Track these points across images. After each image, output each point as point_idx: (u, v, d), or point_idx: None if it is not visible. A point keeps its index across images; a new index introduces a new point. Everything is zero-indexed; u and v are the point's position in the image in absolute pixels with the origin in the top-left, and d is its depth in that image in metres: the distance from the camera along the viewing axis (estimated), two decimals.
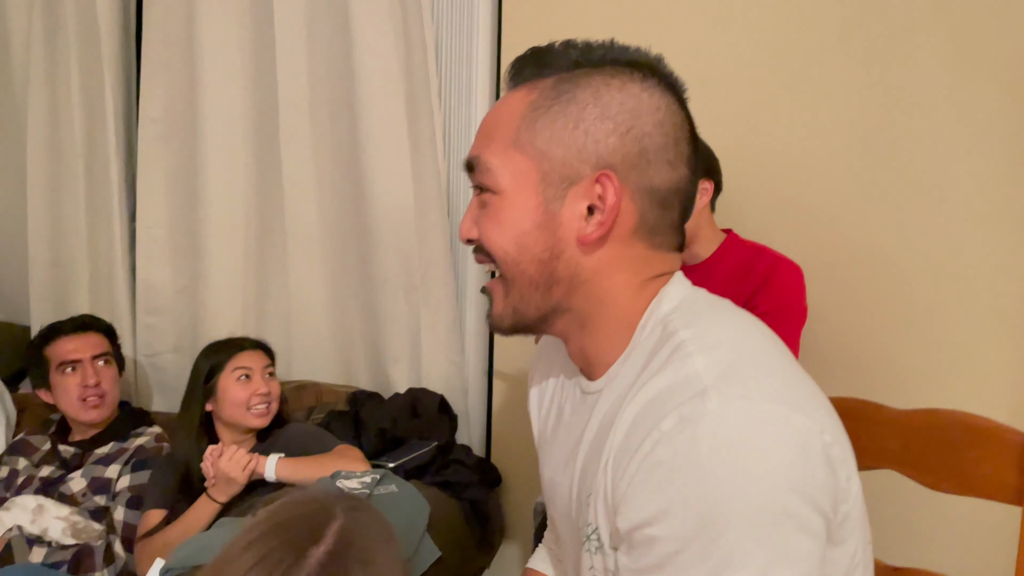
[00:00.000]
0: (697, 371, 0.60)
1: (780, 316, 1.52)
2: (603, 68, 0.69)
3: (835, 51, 1.67)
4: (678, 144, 0.69)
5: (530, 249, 0.69)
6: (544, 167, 0.68)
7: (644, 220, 0.69)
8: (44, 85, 2.39)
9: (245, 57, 2.18)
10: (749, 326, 0.68)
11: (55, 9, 2.35)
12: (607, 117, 0.67)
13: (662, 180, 0.68)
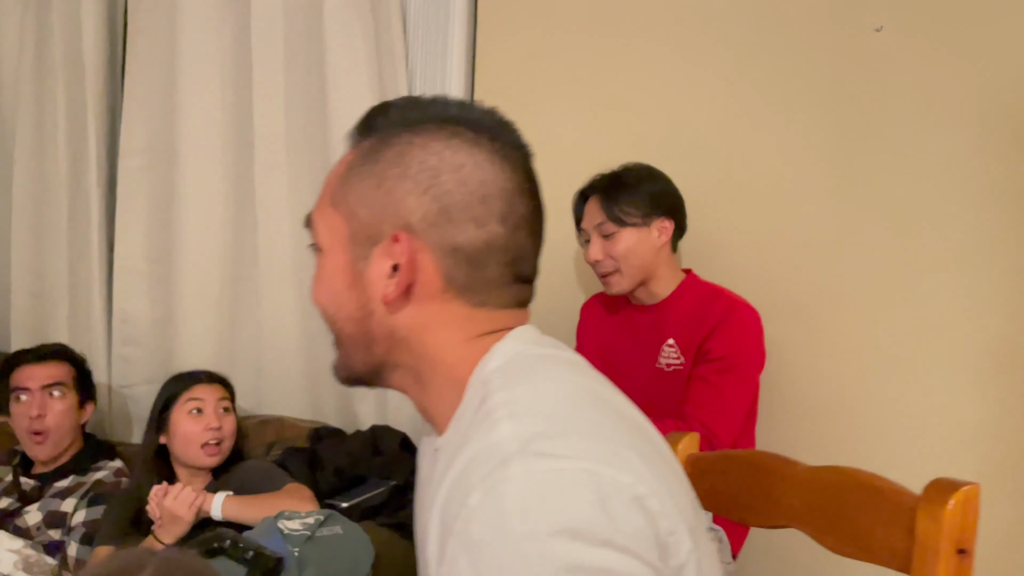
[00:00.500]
0: (504, 438, 0.58)
1: (733, 362, 1.50)
2: (414, 128, 0.68)
3: (804, 91, 1.66)
4: (487, 201, 0.67)
5: (344, 307, 0.70)
6: (353, 226, 0.69)
7: (452, 279, 0.67)
8: (32, 116, 2.44)
9: (224, 92, 2.21)
10: (573, 386, 0.66)
11: (44, 43, 2.40)
12: (407, 176, 0.67)
13: (467, 238, 0.67)
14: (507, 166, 0.69)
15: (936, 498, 0.69)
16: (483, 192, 0.67)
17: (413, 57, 2.06)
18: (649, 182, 1.58)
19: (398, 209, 0.67)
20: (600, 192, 1.59)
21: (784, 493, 0.86)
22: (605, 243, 1.57)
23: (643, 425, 0.68)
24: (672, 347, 1.57)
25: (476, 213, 0.67)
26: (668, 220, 1.59)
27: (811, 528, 0.82)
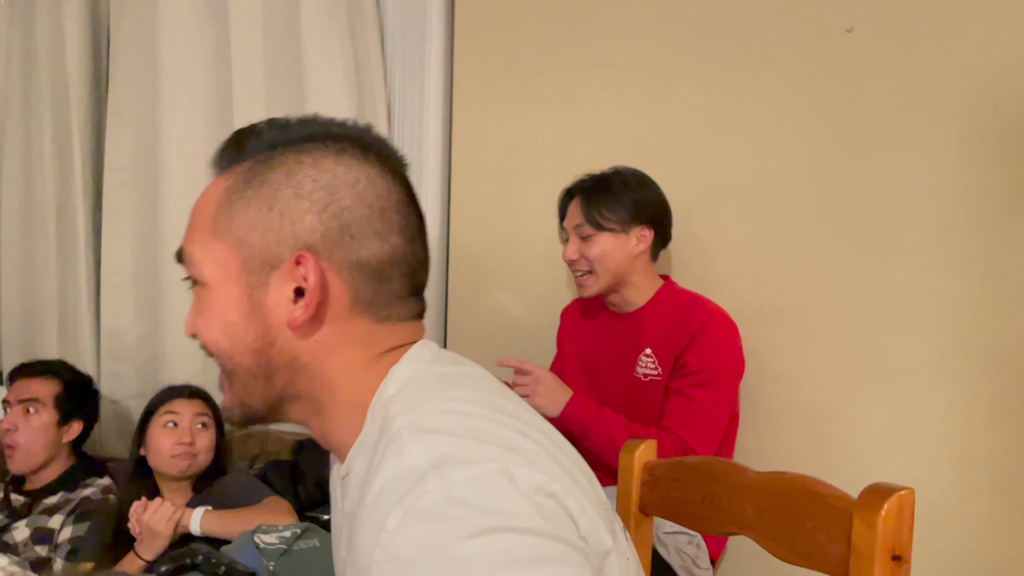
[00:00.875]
0: (414, 460, 0.57)
1: (711, 375, 1.49)
2: (298, 146, 0.67)
3: (777, 94, 1.66)
4: (385, 214, 0.67)
5: (241, 340, 0.67)
6: (244, 254, 0.66)
7: (359, 295, 0.66)
8: (18, 134, 2.47)
9: (206, 105, 2.22)
10: (473, 401, 0.64)
11: (28, 62, 2.43)
12: (301, 196, 0.65)
13: (371, 253, 0.66)
14: (396, 179, 0.69)
15: (870, 504, 0.68)
16: (381, 206, 0.67)
17: (391, 67, 2.07)
18: (636, 190, 1.57)
19: (296, 230, 0.65)
20: (583, 193, 1.58)
21: (735, 500, 0.85)
22: (582, 244, 1.57)
23: (550, 434, 0.67)
24: (649, 356, 1.56)
25: (377, 227, 0.66)
26: (648, 230, 1.57)
27: (760, 535, 0.82)
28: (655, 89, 1.79)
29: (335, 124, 0.70)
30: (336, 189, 0.66)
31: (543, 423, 0.68)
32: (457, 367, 0.71)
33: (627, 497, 0.98)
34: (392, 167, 0.70)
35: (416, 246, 0.70)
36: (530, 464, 0.58)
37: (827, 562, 0.72)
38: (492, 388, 0.69)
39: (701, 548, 1.48)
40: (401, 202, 0.69)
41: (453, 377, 0.68)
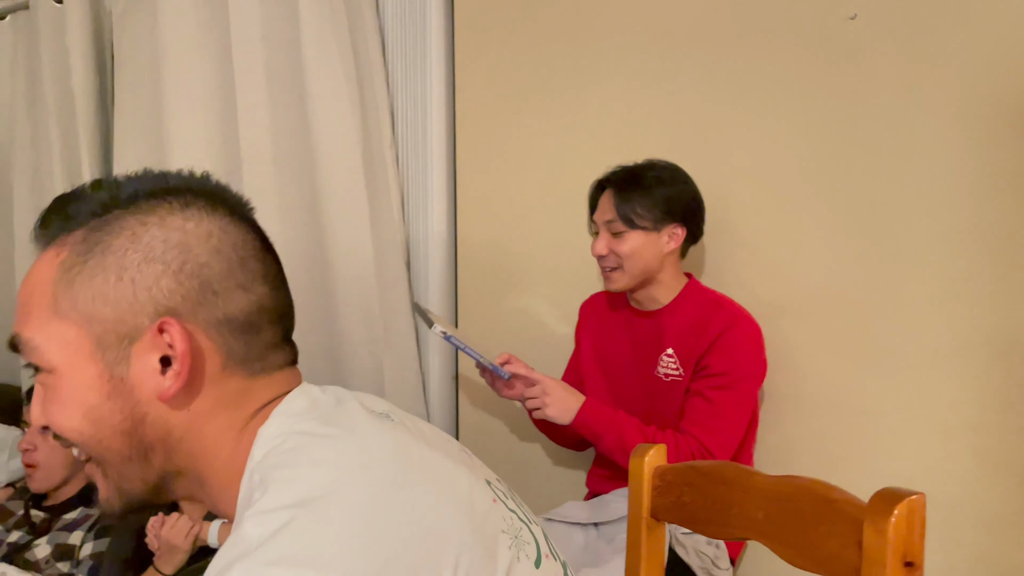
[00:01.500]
0: (246, 537, 0.53)
1: (733, 378, 1.47)
2: (137, 206, 0.62)
3: (780, 85, 1.64)
4: (245, 264, 0.63)
5: (107, 422, 0.62)
6: (96, 331, 0.61)
7: (231, 353, 0.63)
8: (27, 150, 2.49)
9: (209, 117, 2.23)
10: (332, 467, 0.58)
11: (34, 79, 2.45)
12: (152, 259, 0.61)
13: (237, 307, 0.62)
14: (247, 226, 0.66)
15: (881, 509, 0.67)
16: (239, 256, 0.63)
17: (393, 72, 2.06)
18: (668, 185, 1.52)
19: (153, 296, 0.60)
20: (615, 187, 1.54)
21: (745, 505, 0.84)
22: (612, 240, 1.53)
23: (437, 475, 0.61)
24: (671, 357, 1.54)
25: (239, 279, 0.63)
26: (681, 227, 1.54)
27: (770, 540, 0.80)
28: (659, 85, 1.77)
29: (172, 177, 0.65)
30: (190, 246, 0.62)
31: (435, 463, 0.62)
32: (326, 422, 0.63)
33: (638, 503, 0.98)
34: (241, 214, 0.66)
35: (280, 292, 0.66)
36: (344, 564, 0.52)
37: (839, 568, 0.71)
38: (368, 433, 0.62)
39: (720, 548, 1.46)
40: (258, 248, 0.65)
41: (313, 438, 0.61)
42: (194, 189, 0.65)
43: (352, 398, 0.68)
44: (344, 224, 2.05)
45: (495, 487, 0.66)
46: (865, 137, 1.56)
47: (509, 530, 0.62)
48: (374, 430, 0.62)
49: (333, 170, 2.05)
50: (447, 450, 0.66)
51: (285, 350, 0.68)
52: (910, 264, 1.52)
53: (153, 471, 0.64)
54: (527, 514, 0.68)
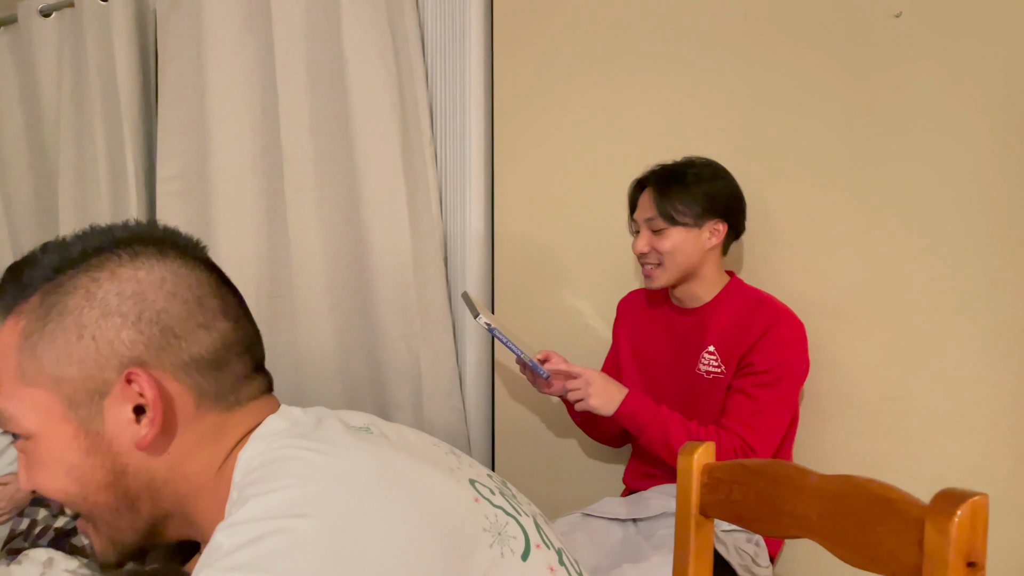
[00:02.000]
0: (217, 546, 0.54)
1: (776, 376, 1.47)
2: (87, 263, 0.64)
3: (823, 82, 1.63)
4: (203, 303, 0.65)
5: (91, 479, 0.63)
6: (66, 392, 0.62)
7: (203, 392, 0.64)
8: (72, 148, 2.53)
9: (252, 115, 2.26)
10: (324, 473, 0.58)
11: (80, 77, 2.49)
12: (109, 313, 0.62)
13: (201, 346, 0.64)
14: (200, 265, 0.68)
15: (943, 510, 0.67)
16: (196, 295, 0.65)
17: (432, 68, 2.08)
18: (709, 182, 1.53)
19: (116, 349, 0.62)
20: (655, 185, 1.55)
21: (798, 503, 0.84)
22: (653, 237, 1.54)
23: (413, 486, 0.61)
24: (712, 354, 1.54)
25: (199, 319, 0.65)
26: (722, 223, 1.54)
27: (824, 539, 0.81)
28: (698, 83, 1.77)
29: (117, 229, 0.67)
30: (144, 295, 0.63)
31: (411, 471, 0.62)
32: (305, 444, 0.62)
33: (687, 499, 0.98)
34: (193, 255, 0.68)
35: (243, 324, 0.68)
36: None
37: (899, 568, 0.72)
38: (345, 447, 0.62)
39: (760, 546, 1.46)
40: (214, 286, 0.67)
41: (286, 461, 0.61)
42: (141, 238, 0.66)
43: (332, 416, 0.69)
44: (382, 220, 2.07)
45: (480, 485, 0.67)
46: (908, 135, 1.55)
47: (491, 528, 0.62)
48: (352, 445, 0.63)
49: (372, 166, 2.07)
50: (429, 456, 0.67)
51: (257, 379, 0.70)
52: (953, 262, 1.51)
53: (142, 519, 0.66)
54: (518, 506, 0.69)
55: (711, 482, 0.96)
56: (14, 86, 2.72)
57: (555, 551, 0.68)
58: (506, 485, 0.74)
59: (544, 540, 0.68)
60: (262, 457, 0.62)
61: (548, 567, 0.65)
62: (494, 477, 0.73)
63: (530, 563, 0.63)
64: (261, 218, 2.29)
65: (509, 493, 0.71)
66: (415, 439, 0.71)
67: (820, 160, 1.64)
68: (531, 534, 0.66)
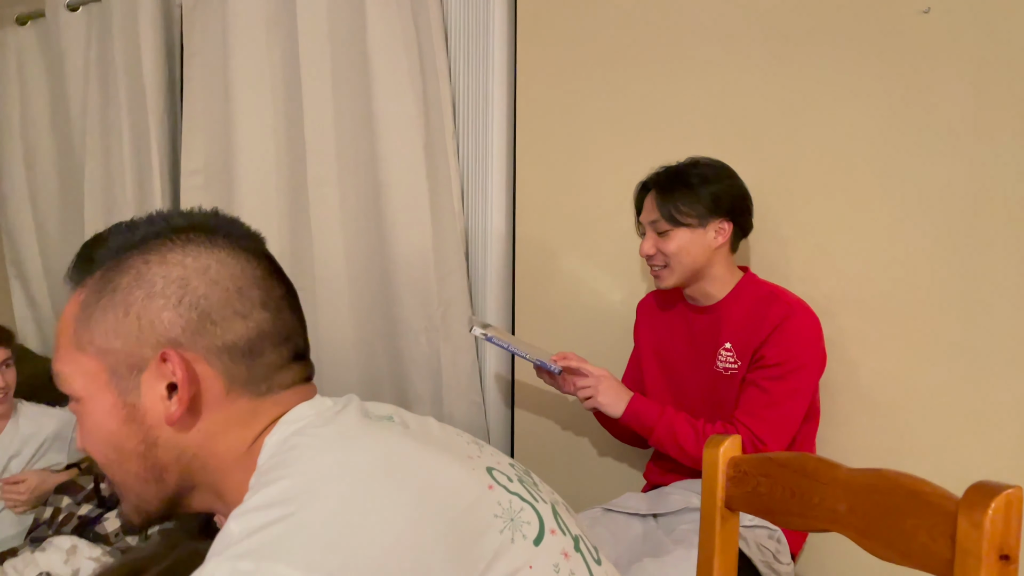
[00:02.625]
0: (228, 534, 0.57)
1: (789, 368, 1.47)
2: (143, 246, 0.68)
3: (851, 79, 1.62)
4: (243, 292, 0.68)
5: (125, 445, 0.68)
6: (110, 362, 0.67)
7: (234, 377, 0.67)
8: (99, 142, 2.56)
9: (276, 110, 2.28)
10: (328, 468, 0.61)
11: (107, 72, 2.52)
12: (154, 295, 0.66)
13: (236, 334, 0.67)
14: (249, 256, 0.70)
15: (977, 502, 0.67)
16: (237, 285, 0.68)
17: (455, 65, 2.08)
18: (713, 183, 1.53)
19: (156, 329, 0.66)
20: (659, 188, 1.56)
21: (826, 497, 0.84)
22: (658, 239, 1.55)
23: (421, 474, 0.63)
24: (729, 351, 1.54)
25: (237, 307, 0.67)
26: (727, 222, 1.54)
27: (853, 532, 0.81)
28: (724, 80, 1.77)
29: (178, 216, 0.71)
30: (188, 280, 0.67)
31: (428, 468, 0.64)
32: (320, 431, 0.66)
33: (712, 493, 0.98)
34: (245, 245, 0.71)
35: (284, 315, 0.70)
36: (315, 564, 0.54)
37: (930, 561, 0.71)
38: (369, 441, 0.65)
39: (782, 543, 1.46)
40: (259, 277, 0.70)
41: (312, 444, 0.65)
42: (195, 226, 0.70)
43: (355, 404, 0.72)
44: (404, 215, 2.08)
45: (497, 473, 0.69)
46: (935, 132, 1.54)
47: (504, 514, 0.64)
48: (364, 433, 0.66)
49: (395, 161, 2.08)
50: (447, 445, 0.70)
51: (294, 369, 0.72)
52: (980, 260, 1.50)
53: (168, 488, 0.70)
54: (537, 493, 0.71)
55: (737, 475, 0.96)
56: (42, 79, 2.75)
57: (571, 537, 0.69)
58: (528, 474, 0.75)
59: (561, 527, 0.69)
60: (282, 444, 0.66)
61: (562, 552, 0.66)
62: (516, 466, 0.75)
63: (543, 548, 0.64)
64: (284, 212, 2.31)
65: (530, 481, 0.73)
66: (437, 429, 0.73)
67: (847, 157, 1.63)
68: (547, 520, 0.67)
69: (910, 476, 0.77)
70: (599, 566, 0.70)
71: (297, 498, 0.58)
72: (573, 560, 0.66)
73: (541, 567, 0.63)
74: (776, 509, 0.92)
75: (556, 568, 0.64)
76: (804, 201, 1.68)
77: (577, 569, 0.66)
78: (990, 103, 1.48)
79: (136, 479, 0.69)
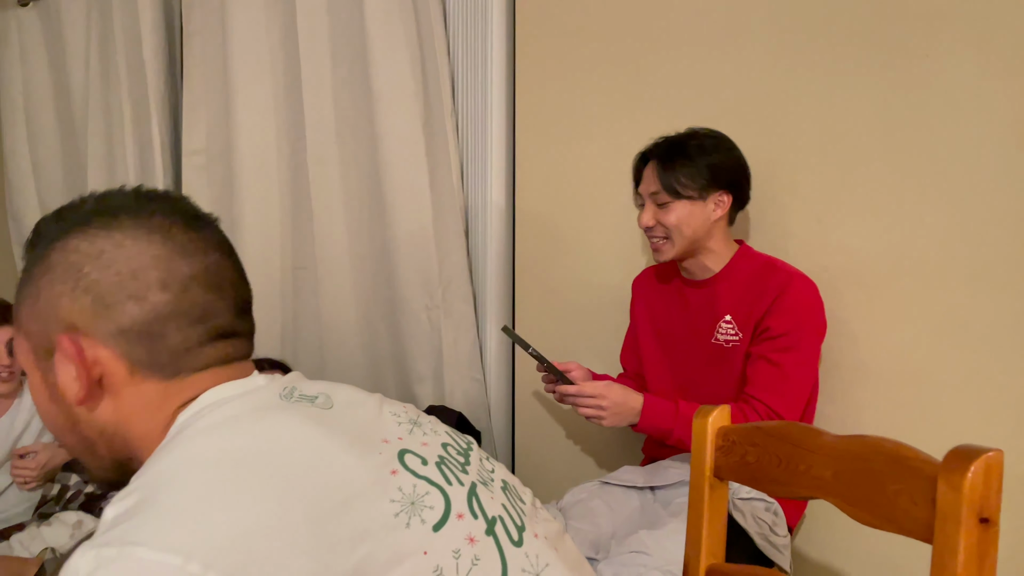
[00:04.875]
0: (103, 520, 0.58)
1: (795, 339, 1.46)
2: (58, 235, 0.70)
3: (856, 43, 1.60)
4: (138, 275, 0.67)
5: (56, 421, 0.72)
6: (33, 344, 0.71)
7: (136, 360, 0.68)
8: (100, 121, 2.57)
9: (275, 88, 2.28)
10: (205, 453, 0.62)
11: (107, 51, 2.52)
12: (55, 280, 0.68)
13: (131, 317, 0.67)
14: (155, 235, 0.69)
15: (956, 466, 0.66)
16: (131, 268, 0.68)
17: (454, 40, 2.07)
18: (712, 153, 1.52)
19: (57, 314, 0.68)
20: (659, 159, 1.54)
21: (812, 464, 0.84)
22: (658, 211, 1.54)
23: (309, 458, 0.63)
24: (729, 323, 1.54)
25: (131, 290, 0.67)
26: (727, 194, 1.53)
27: (839, 499, 0.80)
28: (724, 47, 1.75)
29: (91, 200, 0.71)
30: (81, 266, 0.68)
31: (328, 449, 0.64)
32: (220, 413, 0.66)
33: (701, 462, 0.98)
34: (156, 223, 0.69)
35: (195, 294, 0.69)
36: (178, 542, 0.54)
37: (912, 526, 0.71)
38: (247, 427, 0.65)
39: (779, 515, 1.46)
40: (162, 257, 0.68)
41: (209, 429, 0.65)
42: (100, 210, 0.70)
43: (279, 383, 0.71)
44: (404, 192, 2.08)
45: (411, 456, 0.68)
46: (937, 102, 1.52)
47: (403, 499, 0.63)
48: (266, 416, 0.66)
49: (394, 138, 2.07)
50: (358, 431, 0.68)
51: (209, 351, 0.70)
52: (982, 233, 1.48)
53: (105, 460, 0.72)
54: (457, 476, 0.69)
55: (726, 445, 0.96)
56: (44, 60, 2.75)
57: (486, 521, 0.68)
58: (466, 454, 0.74)
59: (473, 510, 0.68)
60: (179, 426, 0.67)
61: (467, 537, 0.65)
62: (450, 446, 0.74)
63: (443, 533, 0.63)
64: (285, 191, 2.31)
65: (459, 462, 0.72)
66: (364, 412, 0.72)
67: (849, 130, 1.61)
68: (455, 504, 0.66)
69: (893, 441, 0.76)
70: (518, 547, 0.68)
71: (163, 482, 0.59)
72: (480, 545, 0.65)
73: (438, 552, 0.62)
74: (764, 477, 0.91)
75: (456, 553, 0.63)
76: (802, 172, 1.67)
77: (484, 554, 0.65)
78: (995, 71, 1.46)
79: (76, 449, 0.73)
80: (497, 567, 0.65)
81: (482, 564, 0.64)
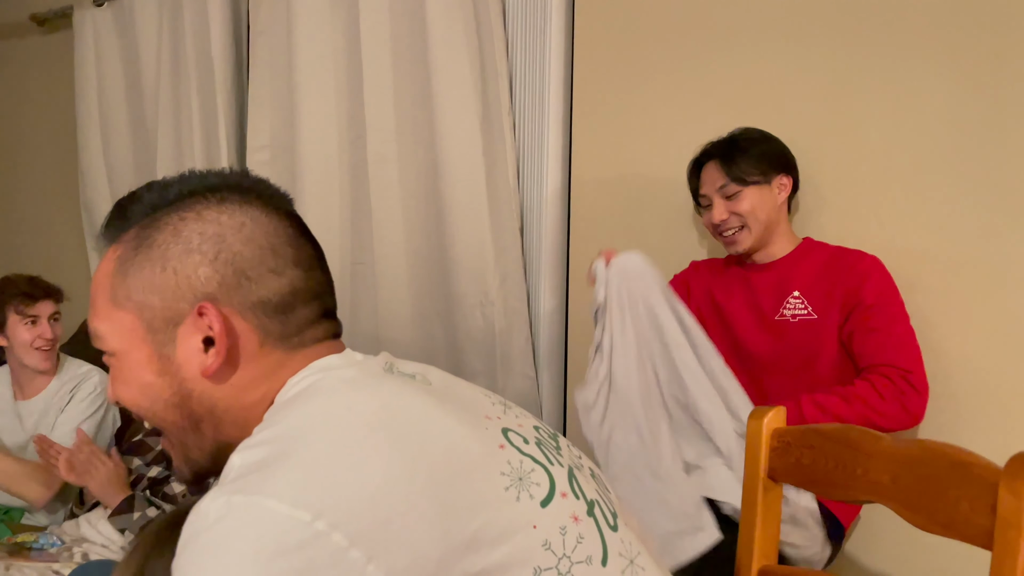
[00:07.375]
0: (230, 467, 0.59)
1: (895, 307, 1.49)
2: (179, 203, 0.70)
3: (924, 42, 1.57)
4: (276, 251, 0.70)
5: (159, 397, 0.70)
6: (147, 316, 0.69)
7: (267, 332, 0.69)
8: (170, 120, 2.65)
9: (338, 88, 2.33)
10: (337, 403, 0.64)
11: (177, 50, 2.61)
12: (191, 251, 0.68)
13: (270, 291, 0.69)
14: (281, 215, 0.72)
15: (1017, 472, 0.66)
16: (271, 243, 0.70)
17: (513, 38, 2.09)
18: (763, 143, 1.61)
19: (192, 284, 0.68)
20: (718, 157, 1.62)
21: (869, 468, 0.84)
22: (728, 203, 1.60)
23: (426, 429, 0.63)
24: (799, 299, 1.57)
25: (271, 264, 0.69)
26: (786, 177, 1.61)
27: (897, 504, 0.80)
28: (786, 51, 1.73)
29: (212, 175, 0.73)
30: (224, 237, 0.69)
31: (447, 419, 0.65)
32: (335, 375, 0.69)
33: (755, 463, 0.98)
34: (276, 204, 0.73)
35: (315, 273, 0.72)
36: (310, 500, 0.55)
37: (971, 532, 0.71)
38: (394, 389, 0.67)
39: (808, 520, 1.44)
40: (291, 236, 0.71)
41: (333, 387, 0.68)
42: (230, 185, 0.72)
43: (382, 359, 0.74)
44: (461, 190, 2.11)
45: (513, 434, 0.69)
46: (1007, 106, 1.48)
47: (512, 472, 0.64)
48: (382, 384, 0.68)
49: (452, 137, 2.10)
50: (465, 405, 0.70)
51: (323, 325, 0.73)
52: None
53: (207, 440, 0.72)
54: (556, 458, 0.71)
55: (780, 446, 0.96)
56: (116, 58, 2.85)
57: (586, 502, 0.69)
58: (555, 439, 0.76)
59: (575, 491, 0.69)
60: (300, 383, 0.68)
61: (572, 516, 0.66)
62: (541, 429, 0.75)
63: (550, 509, 0.65)
64: (345, 187, 2.36)
65: (552, 445, 0.73)
66: (461, 390, 0.74)
67: (916, 135, 1.59)
68: (559, 483, 0.67)
69: (953, 447, 0.76)
70: (614, 532, 0.70)
71: (296, 437, 0.60)
72: (583, 524, 0.66)
73: (546, 528, 0.63)
74: (819, 480, 0.91)
75: (563, 530, 0.64)
76: (871, 182, 1.65)
77: (587, 534, 0.66)
78: None
79: (175, 428, 0.72)
80: (599, 548, 0.66)
81: (586, 543, 0.65)
